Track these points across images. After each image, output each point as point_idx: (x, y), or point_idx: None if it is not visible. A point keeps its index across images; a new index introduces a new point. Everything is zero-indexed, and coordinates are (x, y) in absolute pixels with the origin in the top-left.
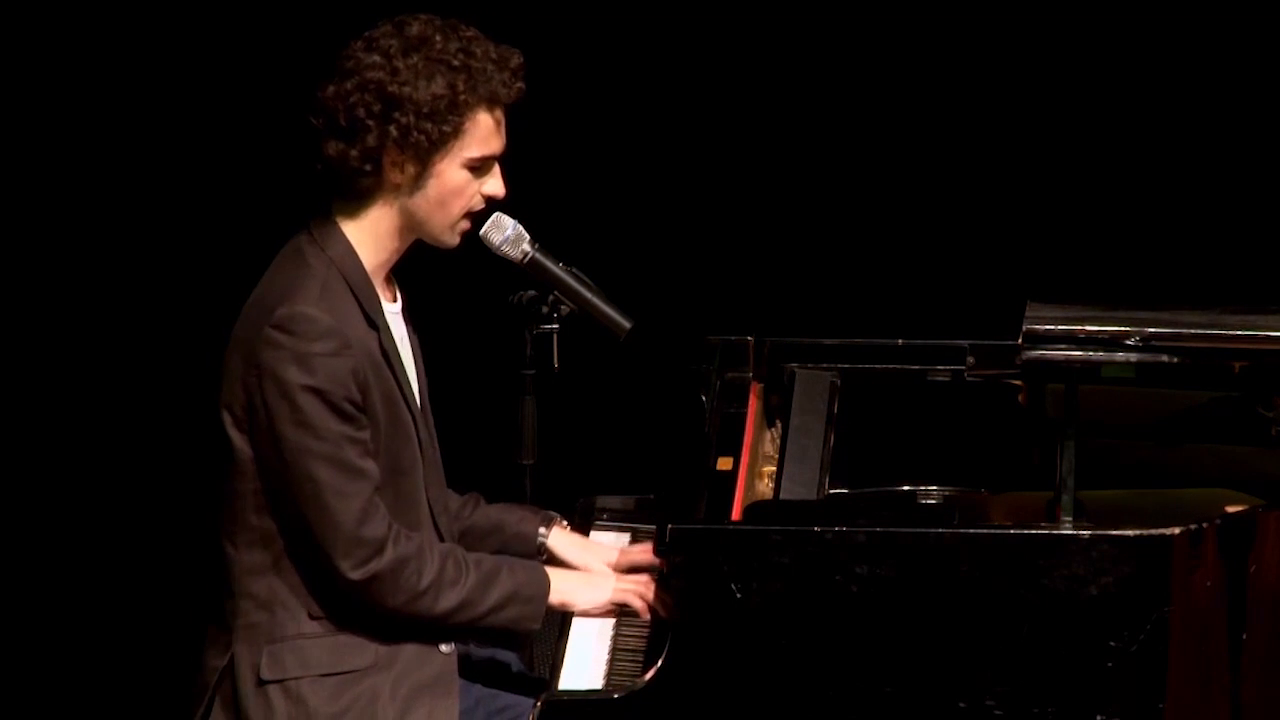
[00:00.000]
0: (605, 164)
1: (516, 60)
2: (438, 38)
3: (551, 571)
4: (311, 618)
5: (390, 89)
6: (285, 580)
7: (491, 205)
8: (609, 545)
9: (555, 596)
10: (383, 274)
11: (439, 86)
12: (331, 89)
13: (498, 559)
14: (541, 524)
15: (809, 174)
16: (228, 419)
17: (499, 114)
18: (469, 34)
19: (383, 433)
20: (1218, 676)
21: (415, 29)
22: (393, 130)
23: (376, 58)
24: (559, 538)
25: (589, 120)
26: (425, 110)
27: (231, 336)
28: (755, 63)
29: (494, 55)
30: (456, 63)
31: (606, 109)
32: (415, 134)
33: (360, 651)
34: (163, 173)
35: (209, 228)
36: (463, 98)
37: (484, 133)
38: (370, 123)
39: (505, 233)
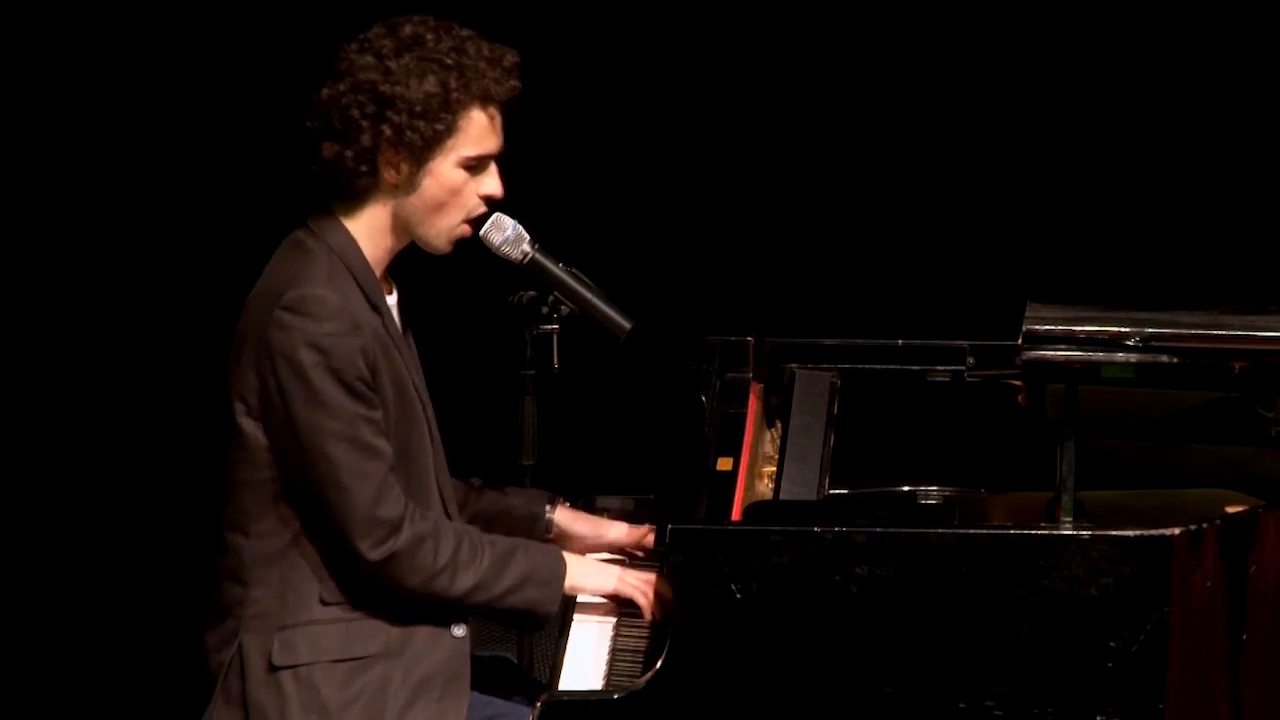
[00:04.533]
0: (605, 164)
1: (510, 59)
2: (430, 37)
3: (566, 556)
4: (324, 603)
5: (383, 88)
6: (297, 566)
7: (490, 206)
8: (613, 521)
9: (568, 580)
10: (379, 271)
11: (431, 85)
12: (326, 91)
13: (513, 540)
14: (546, 503)
15: (809, 174)
16: (240, 409)
17: (493, 112)
18: (463, 33)
19: (392, 415)
20: (1218, 676)
21: (408, 29)
22: (386, 130)
23: (369, 58)
24: (564, 514)
25: (588, 120)
26: (418, 109)
27: (237, 330)
28: (755, 63)
29: (487, 53)
30: (449, 61)
31: (606, 109)
32: (409, 133)
33: (371, 638)
34: (161, 173)
35: (208, 227)
36: (455, 95)
37: (478, 131)
38: (364, 123)
39: (505, 233)
